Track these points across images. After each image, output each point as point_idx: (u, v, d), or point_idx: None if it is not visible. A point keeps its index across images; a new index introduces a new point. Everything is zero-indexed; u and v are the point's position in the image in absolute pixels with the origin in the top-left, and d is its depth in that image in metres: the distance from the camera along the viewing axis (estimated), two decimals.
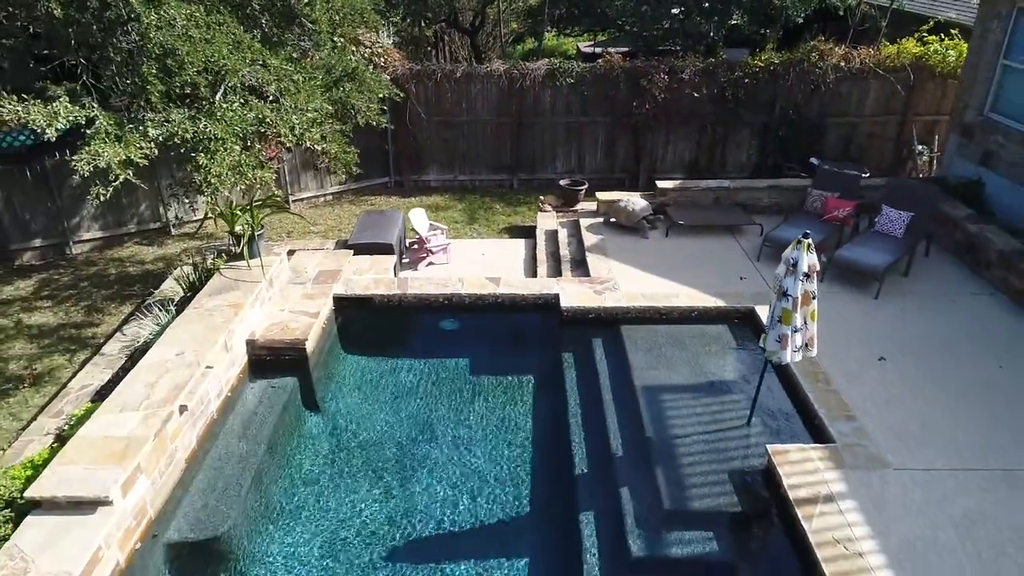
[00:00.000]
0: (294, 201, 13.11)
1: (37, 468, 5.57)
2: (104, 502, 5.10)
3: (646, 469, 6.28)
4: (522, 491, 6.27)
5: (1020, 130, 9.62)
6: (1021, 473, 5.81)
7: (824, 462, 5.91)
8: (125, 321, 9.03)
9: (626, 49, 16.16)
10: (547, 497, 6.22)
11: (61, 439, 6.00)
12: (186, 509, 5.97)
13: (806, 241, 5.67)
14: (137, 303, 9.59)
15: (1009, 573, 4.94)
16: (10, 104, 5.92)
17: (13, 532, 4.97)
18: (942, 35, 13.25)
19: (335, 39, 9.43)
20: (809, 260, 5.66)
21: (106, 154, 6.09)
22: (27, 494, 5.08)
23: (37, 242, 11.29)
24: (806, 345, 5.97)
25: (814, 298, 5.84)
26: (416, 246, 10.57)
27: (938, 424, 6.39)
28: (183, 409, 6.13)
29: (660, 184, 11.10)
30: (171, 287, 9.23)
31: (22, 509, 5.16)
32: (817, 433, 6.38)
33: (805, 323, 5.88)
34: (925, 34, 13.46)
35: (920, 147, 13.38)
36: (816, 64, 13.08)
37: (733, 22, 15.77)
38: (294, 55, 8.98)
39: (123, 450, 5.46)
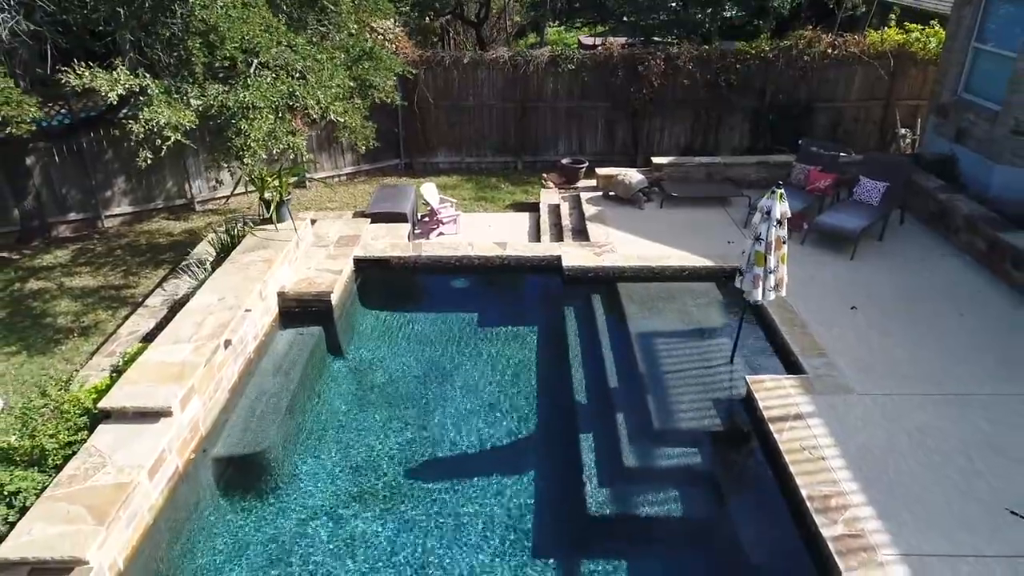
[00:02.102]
0: (310, 180, 13.86)
1: (101, 392, 6.32)
2: (166, 413, 5.87)
3: (639, 399, 7.04)
4: (528, 418, 7.03)
5: (989, 108, 10.37)
6: (971, 398, 6.56)
7: (796, 389, 6.67)
8: (163, 280, 9.81)
9: (624, 39, 16.92)
10: (550, 423, 6.98)
11: (118, 371, 6.74)
12: (230, 430, 6.74)
13: (779, 191, 6.42)
14: (171, 266, 10.36)
15: (953, 473, 5.70)
16: (83, 71, 6.68)
17: (89, 437, 5.73)
18: (923, 25, 13.99)
19: (351, 25, 10.19)
20: (781, 208, 6.41)
21: (163, 114, 6.85)
22: (100, 405, 5.85)
23: (72, 216, 12.06)
24: (776, 286, 6.71)
25: (785, 243, 6.60)
26: (427, 218, 11.33)
27: (900, 360, 7.15)
28: (227, 344, 6.90)
29: (655, 160, 11.87)
30: (204, 250, 10.00)
31: (94, 419, 5.93)
32: (792, 367, 7.14)
33: (776, 266, 6.63)
34: (896, 21, 14.21)
35: (904, 130, 14.13)
36: (804, 51, 13.82)
37: (727, 14, 16.55)
38: (314, 39, 9.74)
39: (179, 372, 6.23)
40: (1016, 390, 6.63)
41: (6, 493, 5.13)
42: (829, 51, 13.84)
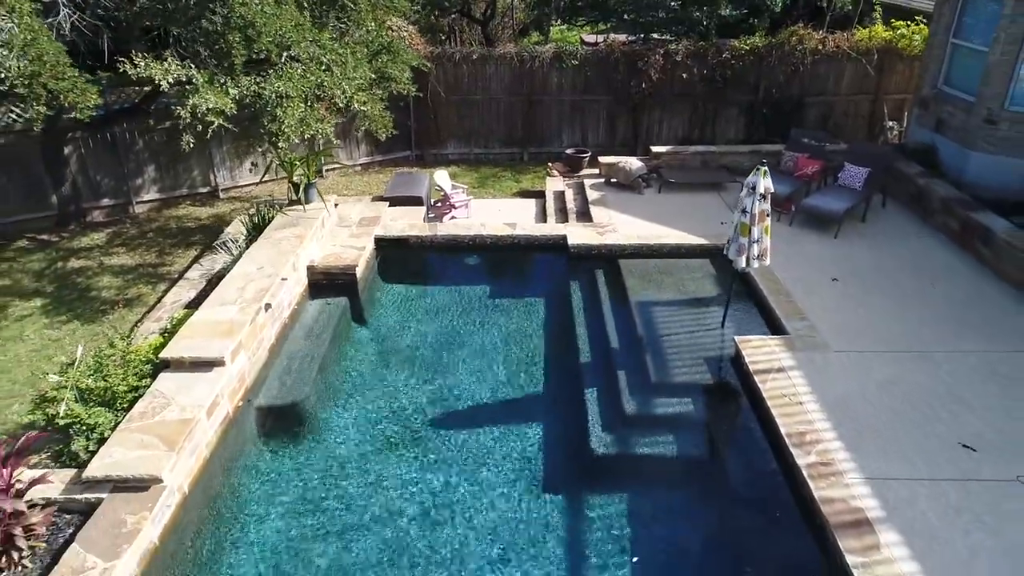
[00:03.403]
0: (327, 170, 14.62)
1: (159, 347, 7.07)
2: (219, 363, 6.63)
3: (639, 359, 7.80)
4: (537, 376, 7.78)
5: (965, 99, 11.11)
6: (935, 355, 7.31)
7: (779, 347, 7.42)
8: (199, 256, 10.56)
9: (625, 37, 17.65)
10: (558, 379, 7.73)
11: (169, 332, 7.49)
12: (270, 384, 7.50)
13: (763, 168, 7.17)
14: (202, 247, 11.12)
15: (915, 415, 6.44)
16: (140, 61, 7.44)
17: (152, 383, 6.49)
18: (908, 22, 14.73)
19: (369, 23, 10.95)
20: (765, 183, 7.16)
21: (209, 99, 7.61)
22: (161, 356, 6.61)
23: (105, 201, 12.81)
24: (760, 255, 7.46)
25: (768, 216, 7.35)
26: (440, 204, 12.08)
27: (874, 323, 7.90)
28: (268, 307, 7.66)
29: (654, 149, 12.62)
30: (235, 230, 10.76)
31: (155, 368, 6.69)
32: (776, 330, 7.89)
33: (760, 236, 7.38)
34: (881, 19, 14.93)
35: (891, 123, 14.87)
36: (796, 48, 14.56)
37: (724, 12, 17.28)
38: (334, 35, 10.50)
39: (228, 329, 6.99)
40: (975, 348, 7.38)
41: (86, 426, 5.89)
42: (819, 48, 14.58)
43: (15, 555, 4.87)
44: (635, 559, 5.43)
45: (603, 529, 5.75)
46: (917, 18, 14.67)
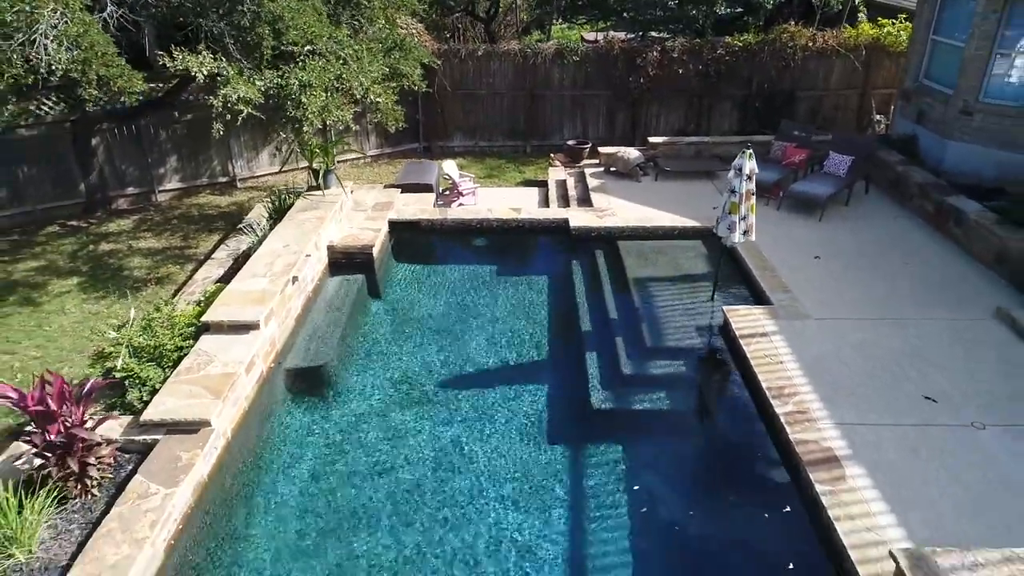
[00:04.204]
0: (340, 162, 15.29)
1: (198, 315, 7.75)
2: (254, 326, 7.32)
3: (635, 328, 8.50)
4: (542, 343, 8.47)
5: (943, 92, 11.80)
6: (904, 322, 7.99)
7: (763, 315, 8.11)
8: (224, 238, 11.25)
9: (624, 34, 18.34)
10: (560, 346, 8.41)
11: (205, 303, 8.15)
12: (297, 349, 8.19)
13: (748, 151, 7.85)
14: (224, 232, 11.80)
15: (884, 373, 7.13)
16: (178, 54, 8.14)
17: (194, 344, 7.18)
18: (894, 20, 15.42)
19: (381, 20, 11.63)
20: (750, 165, 7.85)
21: (241, 89, 8.30)
22: (203, 319, 7.30)
23: (130, 190, 13.49)
24: (746, 231, 8.15)
25: (753, 195, 8.04)
26: (448, 192, 12.75)
27: (851, 295, 8.60)
28: (295, 280, 8.35)
29: (651, 139, 13.32)
30: (256, 215, 11.44)
31: (197, 331, 7.38)
32: (762, 301, 8.58)
33: (746, 214, 8.07)
34: (867, 17, 15.63)
35: (879, 116, 15.57)
36: (787, 44, 15.25)
37: (720, 11, 17.93)
38: (349, 32, 11.19)
39: (260, 298, 7.68)
40: (942, 316, 8.07)
41: (139, 379, 6.58)
42: (809, 44, 15.27)
43: (88, 482, 5.56)
44: (635, 487, 6.11)
45: (602, 471, 6.43)
46: (901, 16, 15.35)
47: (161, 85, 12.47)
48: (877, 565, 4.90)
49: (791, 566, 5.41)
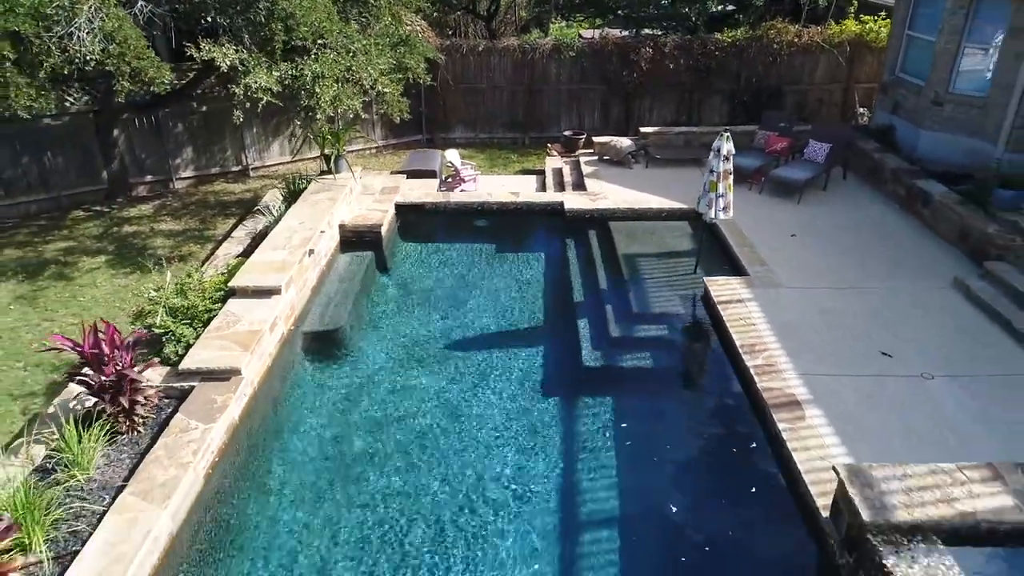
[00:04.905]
0: (347, 152, 16.02)
1: (224, 281, 8.48)
2: (276, 291, 8.06)
3: (624, 297, 9.25)
4: (537, 311, 9.21)
5: (916, 84, 12.54)
6: (869, 291, 8.74)
7: (740, 285, 8.86)
8: (242, 219, 12.00)
9: (619, 31, 19.09)
10: (555, 314, 9.15)
11: (230, 273, 8.88)
12: (313, 315, 8.94)
13: (726, 134, 8.60)
14: (240, 216, 12.55)
15: (846, 333, 7.88)
16: (204, 46, 8.89)
17: (223, 306, 7.92)
18: (876, 17, 16.16)
19: (387, 17, 12.37)
20: (727, 147, 8.59)
21: (262, 77, 9.05)
22: (230, 284, 8.05)
23: (149, 177, 14.24)
24: (725, 208, 8.89)
25: (730, 175, 8.78)
26: (451, 179, 13.49)
27: (822, 268, 9.34)
28: (311, 252, 9.10)
29: (643, 129, 14.07)
30: (271, 198, 12.19)
31: (224, 296, 8.12)
32: (740, 273, 9.32)
33: (724, 192, 8.81)
34: (854, 13, 16.41)
35: (862, 109, 16.31)
36: (773, 40, 15.99)
37: (712, 9, 18.68)
38: (357, 28, 11.93)
39: (281, 266, 8.43)
40: (905, 286, 8.82)
41: (175, 335, 7.32)
42: (795, 40, 16.01)
43: (136, 419, 6.30)
44: (623, 425, 6.87)
45: (592, 418, 7.16)
46: (882, 13, 16.10)
47: (177, 82, 13.22)
48: (827, 485, 5.63)
49: (753, 489, 6.16)
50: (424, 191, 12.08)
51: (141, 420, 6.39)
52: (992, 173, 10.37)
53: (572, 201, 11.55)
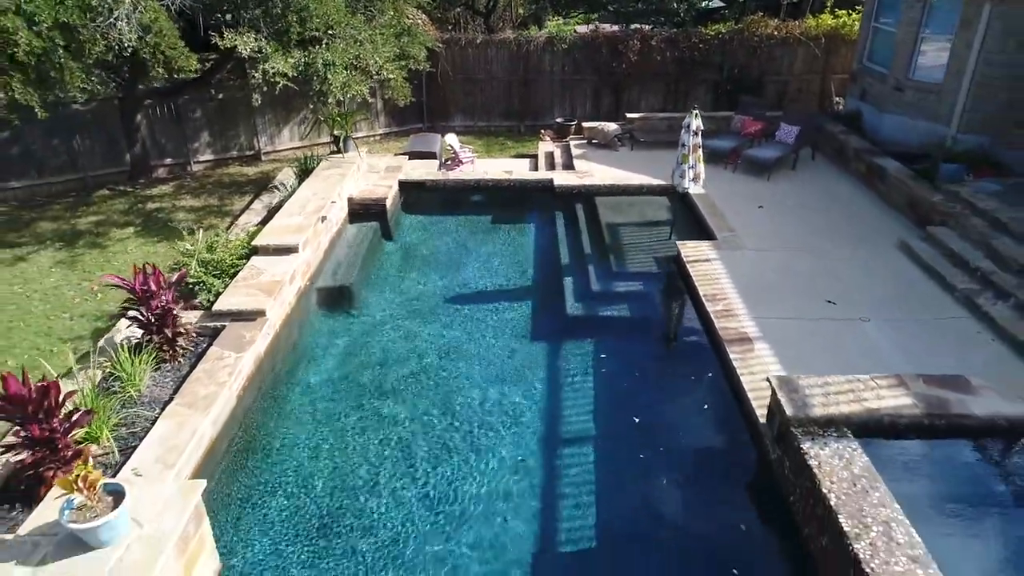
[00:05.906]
0: (353, 138, 17.07)
1: (248, 241, 9.50)
2: (295, 249, 9.10)
3: (606, 259, 10.29)
4: (527, 271, 10.24)
5: (880, 72, 13.57)
6: (822, 252, 9.76)
7: (709, 248, 9.89)
8: (257, 195, 13.05)
9: (609, 26, 20.11)
10: (543, 274, 10.19)
11: (251, 237, 9.92)
12: (326, 274, 9.99)
13: (695, 110, 9.62)
14: (257, 192, 13.59)
15: (799, 286, 8.90)
16: (228, 34, 9.94)
17: (247, 262, 8.96)
18: (849, 11, 17.18)
19: (391, 11, 13.41)
20: (696, 123, 9.61)
21: (279, 63, 10.10)
22: (253, 243, 9.09)
23: (168, 160, 15.29)
24: (695, 178, 9.92)
25: (699, 148, 9.81)
26: (450, 161, 14.52)
27: (784, 234, 10.37)
28: (323, 219, 10.14)
29: (629, 115, 15.10)
30: (284, 176, 13.24)
31: (248, 254, 9.16)
32: (708, 237, 10.35)
33: (695, 164, 9.83)
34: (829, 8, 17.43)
35: (838, 99, 17.31)
36: (754, 33, 17.01)
37: (701, 4, 19.73)
38: (363, 20, 12.97)
39: (298, 228, 9.47)
40: (853, 249, 9.85)
41: (206, 285, 8.37)
42: (775, 33, 17.03)
43: (177, 350, 7.34)
44: (602, 356, 7.91)
45: (575, 357, 8.19)
46: (857, 7, 17.12)
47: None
48: (766, 400, 6.65)
49: (706, 406, 7.21)
50: (425, 170, 13.11)
51: (182, 351, 7.42)
52: (943, 152, 11.39)
53: (561, 178, 12.58)
